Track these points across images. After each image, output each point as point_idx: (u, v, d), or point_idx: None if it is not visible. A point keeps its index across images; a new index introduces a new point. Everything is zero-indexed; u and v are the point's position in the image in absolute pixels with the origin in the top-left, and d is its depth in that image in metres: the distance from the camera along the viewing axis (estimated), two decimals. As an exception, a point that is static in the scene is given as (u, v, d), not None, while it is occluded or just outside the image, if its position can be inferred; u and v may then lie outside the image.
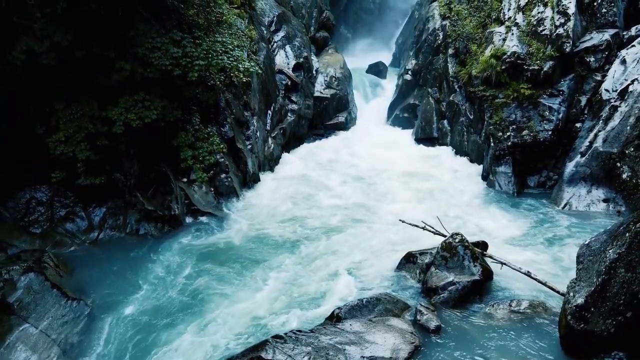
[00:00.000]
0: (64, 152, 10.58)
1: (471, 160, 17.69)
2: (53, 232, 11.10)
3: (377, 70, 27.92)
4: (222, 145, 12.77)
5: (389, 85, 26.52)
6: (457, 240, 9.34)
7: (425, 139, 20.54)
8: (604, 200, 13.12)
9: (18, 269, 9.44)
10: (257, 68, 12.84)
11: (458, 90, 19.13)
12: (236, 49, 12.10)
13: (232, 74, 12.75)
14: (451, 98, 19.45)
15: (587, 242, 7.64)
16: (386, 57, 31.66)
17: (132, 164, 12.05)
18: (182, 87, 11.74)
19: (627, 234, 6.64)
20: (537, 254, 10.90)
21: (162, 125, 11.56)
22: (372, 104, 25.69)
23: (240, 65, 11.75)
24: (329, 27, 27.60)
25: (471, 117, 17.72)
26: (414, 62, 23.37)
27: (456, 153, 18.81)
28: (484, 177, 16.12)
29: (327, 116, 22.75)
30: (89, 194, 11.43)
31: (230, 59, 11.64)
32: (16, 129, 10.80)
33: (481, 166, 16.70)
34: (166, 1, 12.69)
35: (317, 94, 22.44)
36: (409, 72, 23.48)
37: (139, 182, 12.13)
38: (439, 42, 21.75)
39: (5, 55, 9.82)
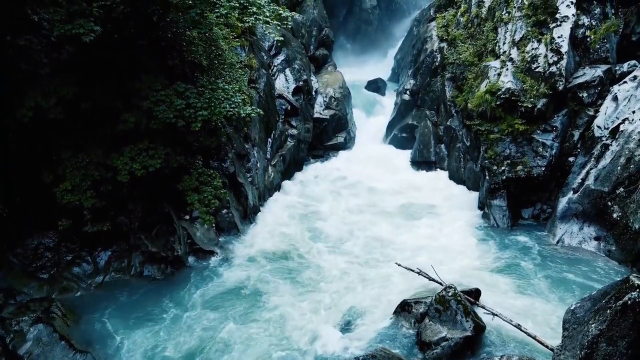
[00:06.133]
0: (71, 200, 10.95)
1: (468, 188, 17.95)
2: (60, 277, 11.43)
3: (376, 87, 28.10)
4: (224, 191, 13.06)
5: (388, 102, 26.65)
6: (450, 294, 9.68)
7: (423, 162, 20.84)
8: (596, 239, 13.44)
9: (27, 320, 9.84)
10: (258, 110, 13.14)
11: (455, 115, 19.41)
12: (237, 94, 12.39)
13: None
14: (448, 123, 19.75)
15: (572, 308, 7.97)
16: (385, 70, 31.83)
17: (136, 206, 12.37)
18: (185, 135, 12.05)
19: (608, 311, 7.00)
20: (530, 299, 11.23)
21: (166, 172, 11.89)
22: (371, 121, 25.82)
23: (241, 111, 12.05)
24: (328, 44, 27.78)
25: (468, 144, 18.00)
26: (412, 82, 23.61)
27: (453, 179, 19.10)
28: (480, 207, 16.42)
29: (327, 137, 22.91)
30: (94, 238, 11.73)
31: (232, 105, 11.93)
32: (25, 178, 11.14)
33: (477, 194, 16.97)
34: (169, 38, 12.95)
35: (316, 115, 22.54)
36: (407, 92, 23.72)
37: (142, 223, 12.45)
38: (437, 64, 22.03)
39: (14, 113, 10.15)
